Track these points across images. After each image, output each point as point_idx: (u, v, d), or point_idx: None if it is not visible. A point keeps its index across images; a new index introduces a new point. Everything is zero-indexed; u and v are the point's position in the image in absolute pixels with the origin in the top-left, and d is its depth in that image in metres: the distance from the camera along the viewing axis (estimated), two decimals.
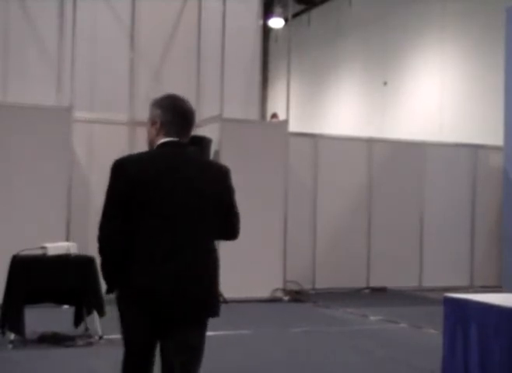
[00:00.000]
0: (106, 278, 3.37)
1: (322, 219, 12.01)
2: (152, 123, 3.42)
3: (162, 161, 3.32)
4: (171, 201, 3.27)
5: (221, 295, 10.94)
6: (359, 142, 12.56)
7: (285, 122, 11.26)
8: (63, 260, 7.19)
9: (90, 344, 7.10)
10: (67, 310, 7.92)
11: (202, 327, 3.39)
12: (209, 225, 3.41)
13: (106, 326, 7.26)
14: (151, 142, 3.44)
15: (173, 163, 3.33)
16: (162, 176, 3.26)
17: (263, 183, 10.79)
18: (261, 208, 10.73)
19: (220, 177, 3.46)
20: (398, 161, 12.60)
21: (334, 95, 19.98)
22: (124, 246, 3.26)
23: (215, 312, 3.39)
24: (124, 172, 3.27)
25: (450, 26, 15.50)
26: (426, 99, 16.17)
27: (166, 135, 3.37)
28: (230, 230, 3.61)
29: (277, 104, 19.14)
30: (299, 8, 20.31)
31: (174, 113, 3.43)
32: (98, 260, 7.18)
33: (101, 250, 3.33)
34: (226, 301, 10.23)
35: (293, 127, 11.53)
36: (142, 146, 3.80)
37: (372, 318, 9.44)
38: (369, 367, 6.67)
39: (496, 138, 12.69)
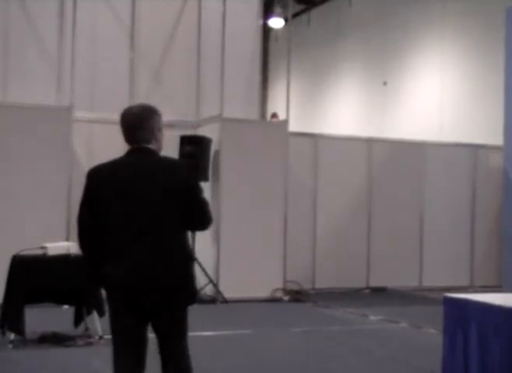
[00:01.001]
0: (88, 274, 3.87)
1: (322, 219, 12.01)
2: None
3: (122, 165, 3.73)
4: (132, 197, 3.60)
5: (220, 294, 10.95)
6: (359, 142, 12.56)
7: (285, 122, 11.27)
8: (63, 260, 7.19)
9: (90, 344, 7.10)
10: (67, 310, 7.92)
11: (176, 315, 3.68)
12: (174, 218, 3.64)
13: (106, 326, 7.25)
14: None
15: (132, 164, 3.70)
16: (119, 176, 3.66)
17: (263, 183, 10.79)
18: (261, 208, 10.74)
19: (181, 172, 3.70)
20: (398, 161, 12.59)
21: (334, 95, 19.98)
22: (98, 243, 3.67)
23: (186, 300, 3.68)
24: (92, 177, 3.70)
25: (450, 26, 15.50)
26: (426, 99, 16.17)
27: (128, 144, 3.79)
28: (198, 221, 3.77)
29: (277, 104, 19.12)
30: (299, 8, 20.30)
31: (123, 125, 3.78)
32: None
33: (80, 249, 3.80)
34: (226, 301, 10.24)
35: (293, 127, 11.52)
36: None
37: (372, 318, 9.44)
38: (369, 367, 6.67)
39: (496, 138, 12.69)
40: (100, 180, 3.66)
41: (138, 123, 3.72)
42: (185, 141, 10.43)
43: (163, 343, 3.70)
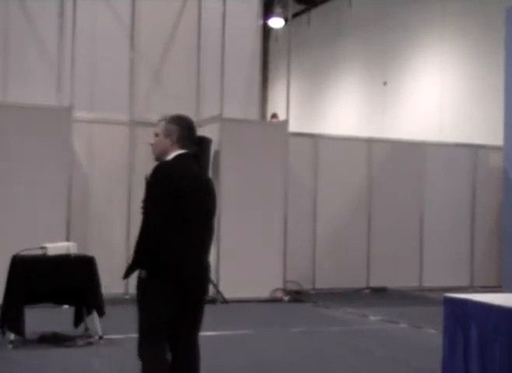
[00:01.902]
0: (142, 261, 3.94)
1: (322, 219, 12.01)
2: (167, 135, 4.12)
3: (193, 174, 4.14)
4: (202, 208, 4.09)
5: (220, 294, 10.96)
6: (359, 142, 12.56)
7: (285, 122, 11.27)
8: (63, 260, 7.19)
9: (90, 344, 7.10)
10: (67, 310, 7.92)
11: (203, 308, 4.27)
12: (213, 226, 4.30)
13: (107, 326, 7.27)
14: (163, 151, 4.12)
15: (198, 177, 4.19)
16: (195, 187, 4.07)
17: (263, 183, 10.79)
18: (261, 208, 10.74)
19: (214, 190, 4.33)
20: (398, 161, 12.60)
21: (334, 95, 19.99)
22: (168, 240, 3.93)
23: (207, 296, 4.37)
24: (168, 178, 3.98)
25: (450, 26, 15.50)
26: (426, 99, 16.17)
27: (182, 148, 4.11)
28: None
29: (277, 104, 19.12)
30: (299, 8, 20.30)
31: (189, 131, 4.17)
32: (97, 259, 7.14)
33: (148, 240, 3.94)
34: (226, 301, 10.24)
35: (293, 127, 11.52)
36: (141, 146, 4.10)
37: (372, 318, 9.44)
38: (369, 367, 6.67)
39: (496, 138, 12.69)
40: (175, 180, 3.99)
41: (196, 138, 4.27)
42: None
43: (187, 331, 4.13)
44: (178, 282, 3.97)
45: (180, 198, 3.96)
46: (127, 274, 4.00)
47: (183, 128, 4.13)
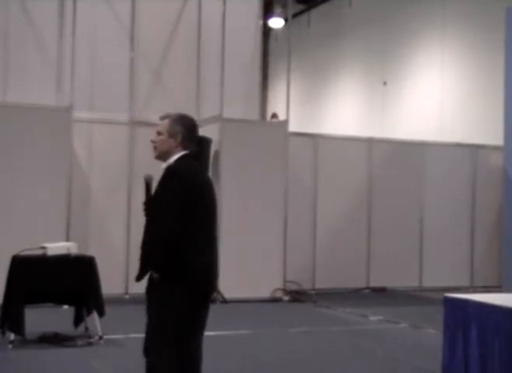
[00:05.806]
0: (160, 265, 3.89)
1: (322, 219, 12.01)
2: (172, 135, 4.05)
3: (203, 175, 4.18)
4: (213, 208, 4.10)
5: (220, 294, 10.95)
6: (359, 142, 12.56)
7: (285, 122, 11.27)
8: (63, 260, 7.19)
9: (90, 344, 7.10)
10: (67, 310, 7.93)
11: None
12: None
13: (107, 326, 7.27)
14: (166, 151, 4.05)
15: (208, 179, 4.19)
16: (210, 191, 4.09)
17: (263, 183, 10.79)
18: (261, 208, 10.74)
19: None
20: (397, 161, 12.59)
21: (334, 95, 19.99)
22: (182, 243, 3.88)
23: None
24: (186, 181, 3.90)
25: (450, 26, 15.50)
26: (426, 99, 16.17)
27: (185, 148, 4.06)
28: None
29: (277, 104, 19.13)
30: (299, 8, 20.31)
31: (193, 131, 4.14)
32: (97, 259, 7.14)
33: (165, 244, 3.85)
34: (226, 301, 10.24)
35: (293, 127, 11.52)
36: (141, 146, 4.08)
37: (372, 318, 9.44)
38: (370, 367, 6.67)
39: (496, 138, 12.69)
40: (196, 187, 3.95)
41: None
42: None
43: (200, 331, 4.28)
44: (198, 285, 4.04)
45: (203, 205, 3.97)
46: (141, 276, 3.98)
47: (187, 129, 4.09)
